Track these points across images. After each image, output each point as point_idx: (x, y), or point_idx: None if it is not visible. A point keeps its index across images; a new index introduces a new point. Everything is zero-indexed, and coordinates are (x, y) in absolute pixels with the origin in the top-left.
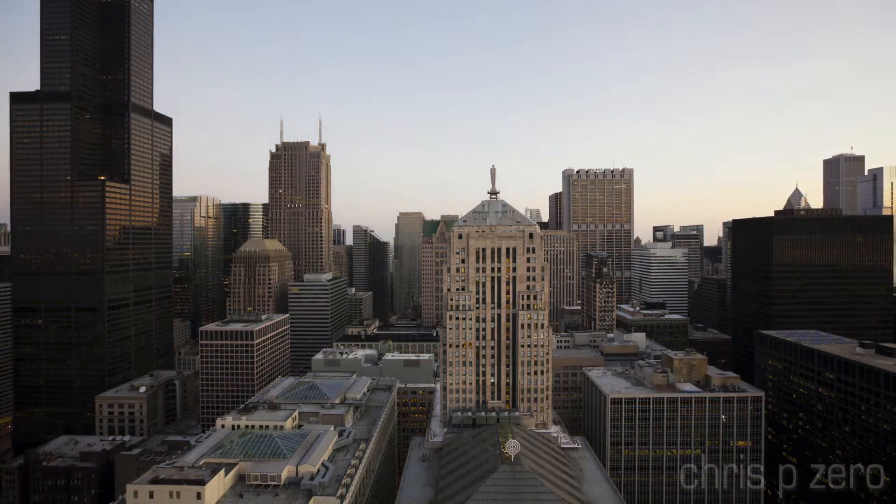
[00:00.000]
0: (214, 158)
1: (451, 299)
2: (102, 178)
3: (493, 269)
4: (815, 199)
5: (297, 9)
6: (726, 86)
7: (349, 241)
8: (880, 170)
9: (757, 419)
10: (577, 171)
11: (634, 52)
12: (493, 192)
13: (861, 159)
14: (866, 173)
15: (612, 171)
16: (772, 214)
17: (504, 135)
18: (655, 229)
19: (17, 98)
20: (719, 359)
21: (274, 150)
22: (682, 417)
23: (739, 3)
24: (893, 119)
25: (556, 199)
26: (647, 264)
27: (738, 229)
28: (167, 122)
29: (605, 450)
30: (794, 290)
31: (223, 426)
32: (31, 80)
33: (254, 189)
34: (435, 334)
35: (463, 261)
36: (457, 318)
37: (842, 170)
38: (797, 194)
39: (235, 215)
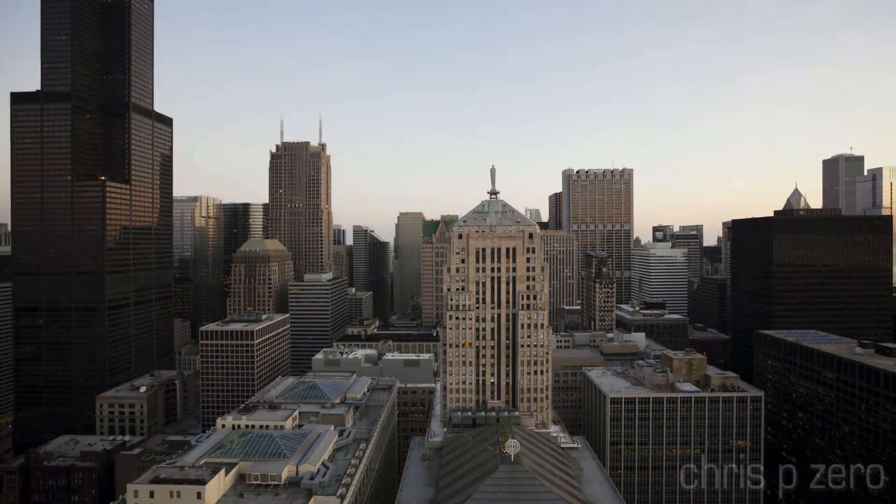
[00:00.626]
0: (215, 158)
1: (451, 299)
2: (103, 178)
3: (492, 269)
4: (814, 199)
5: (297, 9)
6: (726, 86)
7: (349, 241)
8: (879, 170)
9: (756, 419)
10: (577, 172)
11: (634, 53)
12: (493, 192)
13: (860, 159)
14: (865, 173)
15: (612, 172)
16: (771, 214)
17: (504, 135)
18: (655, 229)
19: (17, 98)
20: (719, 359)
21: (274, 151)
22: (682, 417)
23: (739, 8)
24: (893, 119)
25: (555, 200)
26: (647, 264)
27: (738, 229)
28: (167, 122)
29: (604, 449)
30: (793, 290)
31: (223, 426)
32: (31, 81)
33: (254, 189)
34: (435, 334)
35: (463, 261)
36: (457, 318)
37: (841, 170)
38: (796, 194)
39: (236, 215)
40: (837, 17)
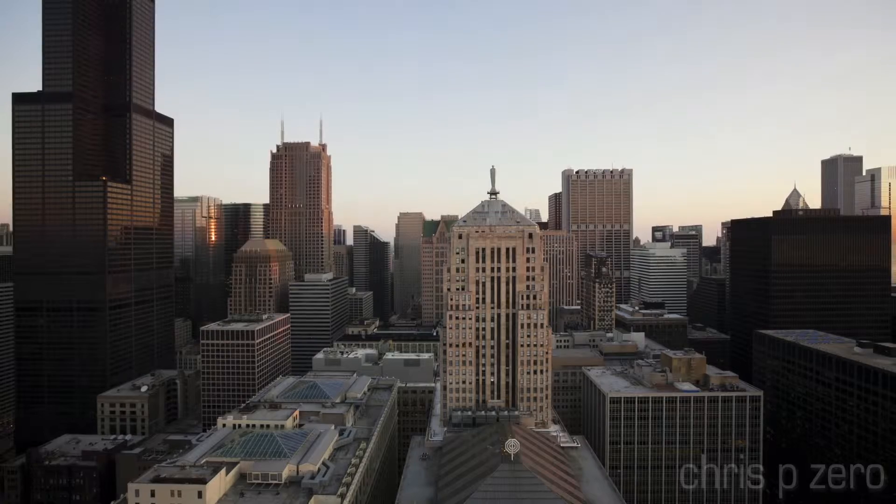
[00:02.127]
0: (215, 158)
1: (451, 299)
2: (104, 178)
3: (492, 269)
4: (813, 199)
5: (297, 9)
6: (725, 86)
7: (349, 241)
8: (878, 170)
9: (756, 419)
10: (577, 172)
11: (634, 52)
12: (493, 193)
13: (859, 160)
14: (864, 174)
15: (612, 172)
16: (770, 215)
17: (504, 135)
18: (654, 229)
19: (18, 99)
20: (718, 358)
21: (275, 151)
22: (681, 417)
23: (737, 7)
24: (892, 119)
25: (555, 200)
26: (646, 264)
27: (737, 229)
28: (168, 122)
29: (604, 449)
30: (792, 290)
31: (224, 425)
32: (32, 81)
33: (254, 189)
34: (435, 334)
35: (463, 261)
36: (457, 318)
37: (840, 170)
38: (795, 194)
39: (236, 215)
40: (837, 16)
